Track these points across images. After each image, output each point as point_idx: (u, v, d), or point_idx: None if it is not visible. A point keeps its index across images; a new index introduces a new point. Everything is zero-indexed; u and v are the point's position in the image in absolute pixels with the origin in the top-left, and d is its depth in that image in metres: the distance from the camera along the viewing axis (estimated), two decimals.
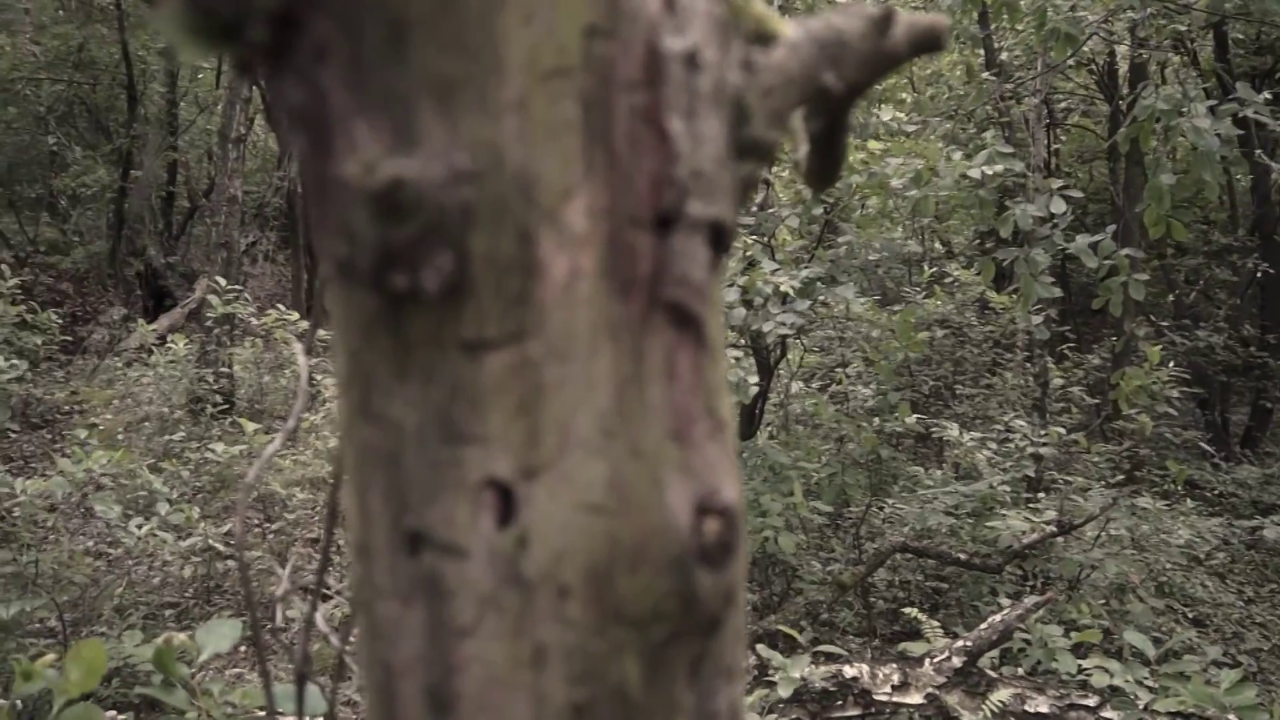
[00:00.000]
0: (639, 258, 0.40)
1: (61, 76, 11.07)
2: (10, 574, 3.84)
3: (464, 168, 0.37)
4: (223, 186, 6.94)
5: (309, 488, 5.84)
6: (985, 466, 5.70)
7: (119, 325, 10.01)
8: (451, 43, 0.36)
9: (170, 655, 1.31)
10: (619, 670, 0.41)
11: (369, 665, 0.44)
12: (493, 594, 0.40)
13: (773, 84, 0.44)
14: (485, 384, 0.39)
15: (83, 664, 1.01)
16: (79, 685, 1.10)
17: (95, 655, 1.07)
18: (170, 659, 1.31)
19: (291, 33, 0.37)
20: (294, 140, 0.40)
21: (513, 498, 0.40)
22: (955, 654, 3.08)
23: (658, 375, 0.41)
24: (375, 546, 0.42)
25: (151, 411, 6.71)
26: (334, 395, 4.93)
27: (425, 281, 0.37)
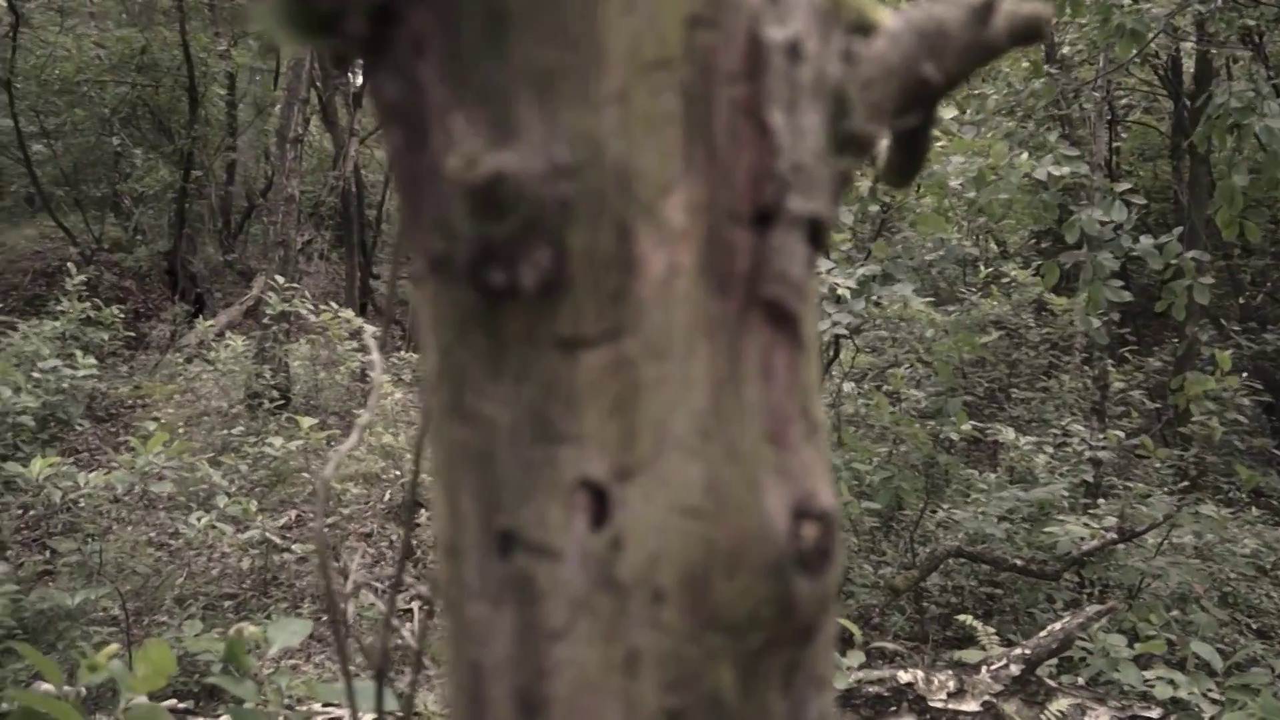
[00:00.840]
0: (737, 254, 0.39)
1: (125, 79, 11.33)
2: (75, 563, 3.94)
3: (564, 161, 0.36)
4: (280, 186, 7.05)
5: (362, 483, 5.91)
6: (1042, 471, 5.58)
7: (180, 321, 10.22)
8: (552, 33, 0.35)
9: (241, 647, 1.33)
10: (713, 677, 0.39)
11: (456, 665, 0.43)
12: (585, 597, 0.39)
13: (873, 75, 0.43)
14: (581, 382, 0.38)
15: (150, 663, 1.03)
16: (145, 683, 1.11)
17: (163, 656, 1.08)
18: (241, 650, 1.33)
19: (389, 26, 0.37)
20: (388, 135, 0.40)
21: (607, 499, 0.39)
22: (1013, 662, 3.02)
23: (754, 375, 0.40)
24: (465, 547, 0.41)
25: (211, 406, 6.84)
26: (388, 394, 4.99)
27: (523, 278, 0.36)
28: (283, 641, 1.21)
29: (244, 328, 9.71)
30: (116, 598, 3.82)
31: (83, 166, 12.32)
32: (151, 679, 1.18)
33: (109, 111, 11.34)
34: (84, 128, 11.66)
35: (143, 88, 11.46)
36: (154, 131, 12.18)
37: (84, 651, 4.03)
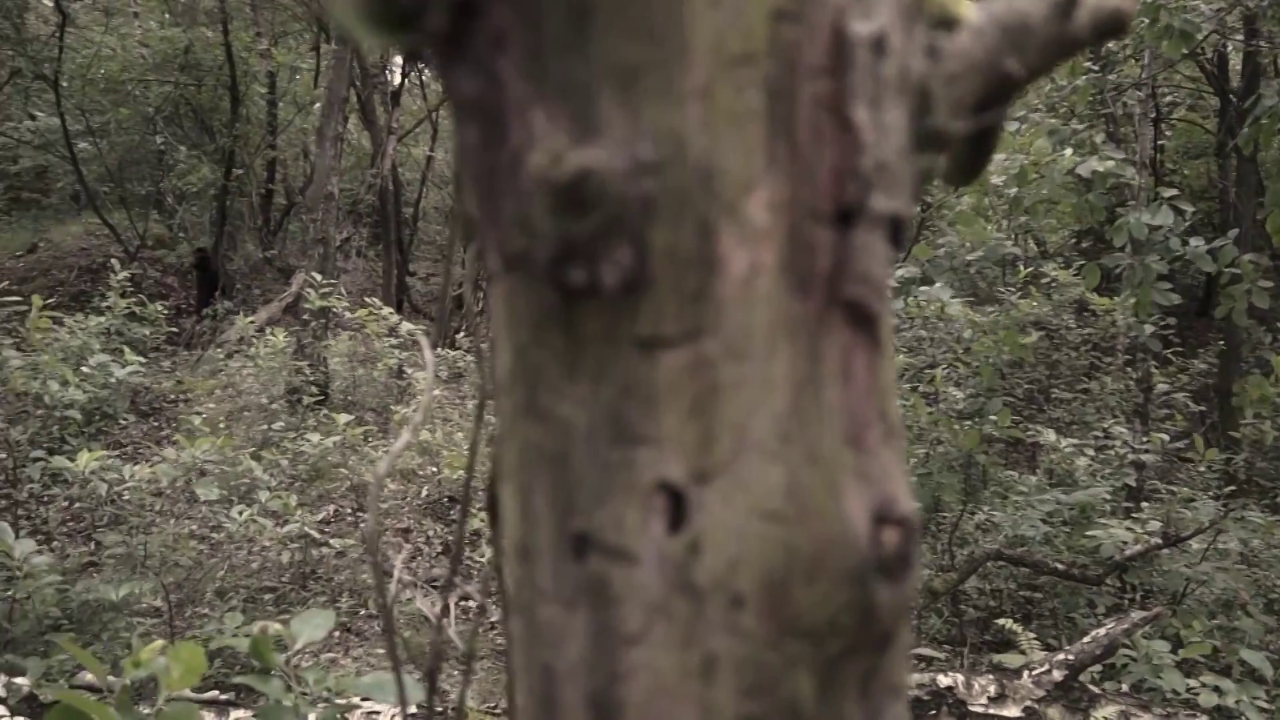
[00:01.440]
0: (818, 253, 0.38)
1: (169, 78, 11.50)
2: (120, 555, 4.00)
3: (647, 158, 0.35)
4: (320, 184, 7.12)
5: (399, 479, 5.96)
6: (1083, 474, 5.50)
7: (221, 317, 10.36)
8: (636, 28, 0.35)
9: (266, 644, 1.34)
10: (792, 684, 0.39)
11: (527, 668, 0.43)
12: (662, 601, 0.38)
13: (956, 71, 0.42)
14: (659, 383, 0.37)
15: (182, 663, 1.04)
16: (180, 682, 1.13)
17: (194, 656, 1.10)
18: (266, 648, 1.33)
19: (469, 21, 0.36)
20: (462, 131, 0.39)
21: (684, 502, 0.38)
22: (1056, 667, 2.97)
23: (834, 377, 0.39)
24: (538, 548, 0.41)
25: (251, 402, 6.93)
26: (423, 390, 5.01)
27: (604, 276, 0.36)
28: (307, 636, 1.22)
29: (283, 324, 9.82)
30: (160, 590, 3.88)
31: (127, 165, 12.53)
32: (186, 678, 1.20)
33: (153, 110, 11.53)
34: (128, 126, 11.85)
35: (185, 87, 11.63)
36: (196, 130, 12.36)
37: (128, 642, 4.09)
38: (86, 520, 5.37)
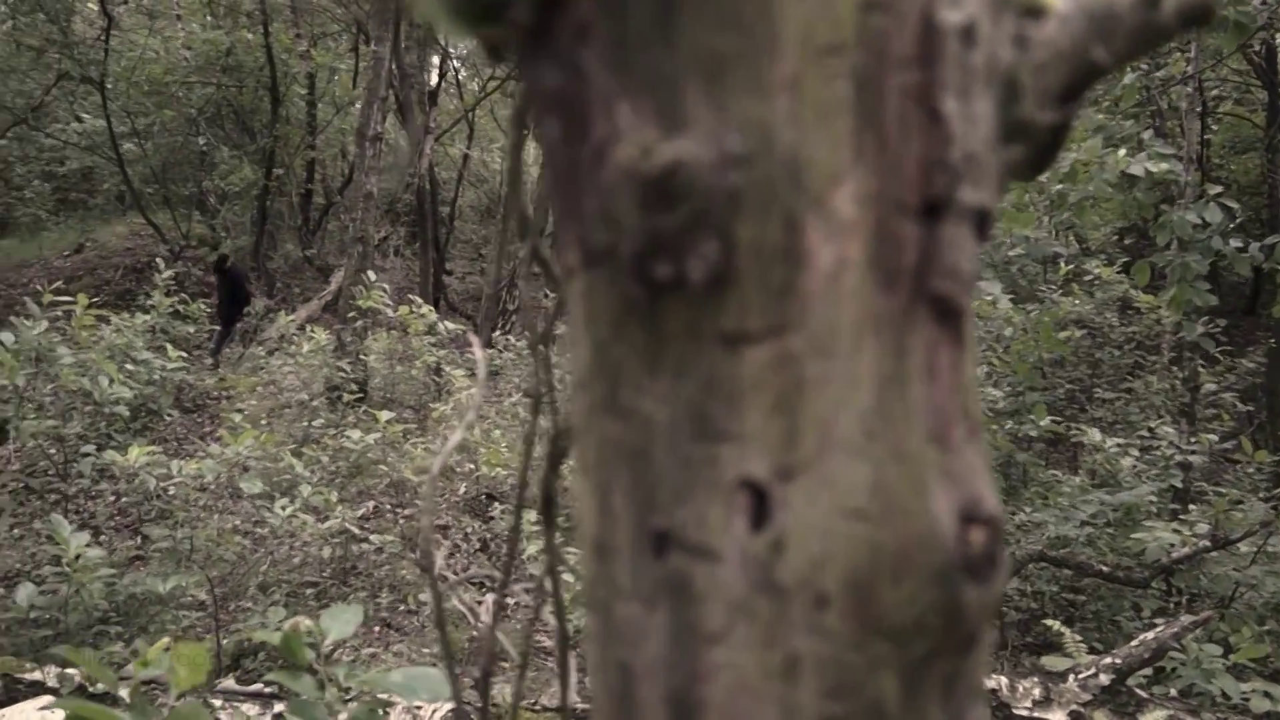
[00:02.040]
0: (904, 247, 0.38)
1: (211, 80, 11.68)
2: (166, 549, 4.06)
3: (735, 151, 0.35)
4: (359, 183, 7.18)
5: (438, 475, 6.00)
6: (1128, 475, 5.41)
7: (262, 316, 10.50)
8: (725, 18, 0.34)
9: (297, 641, 1.34)
10: (876, 686, 0.38)
11: (602, 666, 0.43)
12: (744, 600, 0.38)
13: (1044, 60, 0.41)
14: (743, 379, 0.37)
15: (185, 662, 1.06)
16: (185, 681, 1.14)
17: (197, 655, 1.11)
18: (297, 645, 1.34)
19: (553, 13, 0.36)
20: (542, 126, 0.39)
21: (767, 499, 0.38)
22: (1102, 671, 2.93)
23: (919, 373, 0.38)
24: (616, 545, 0.41)
25: (291, 399, 7.01)
26: (463, 388, 5.05)
27: (691, 271, 0.35)
28: (338, 631, 1.22)
29: (321, 322, 9.93)
30: (205, 584, 3.94)
31: (171, 165, 12.74)
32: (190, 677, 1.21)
33: (196, 112, 11.71)
34: (172, 128, 12.05)
35: (227, 88, 11.79)
36: (237, 131, 12.54)
37: (174, 635, 4.16)
38: (133, 514, 5.46)
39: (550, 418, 0.61)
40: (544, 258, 0.59)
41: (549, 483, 0.63)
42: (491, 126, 16.70)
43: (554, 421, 0.62)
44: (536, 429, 0.62)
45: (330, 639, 1.40)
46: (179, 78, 11.45)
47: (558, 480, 0.64)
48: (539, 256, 0.58)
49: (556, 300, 0.58)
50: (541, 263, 0.59)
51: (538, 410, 0.61)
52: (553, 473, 0.63)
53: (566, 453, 0.66)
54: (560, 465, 0.64)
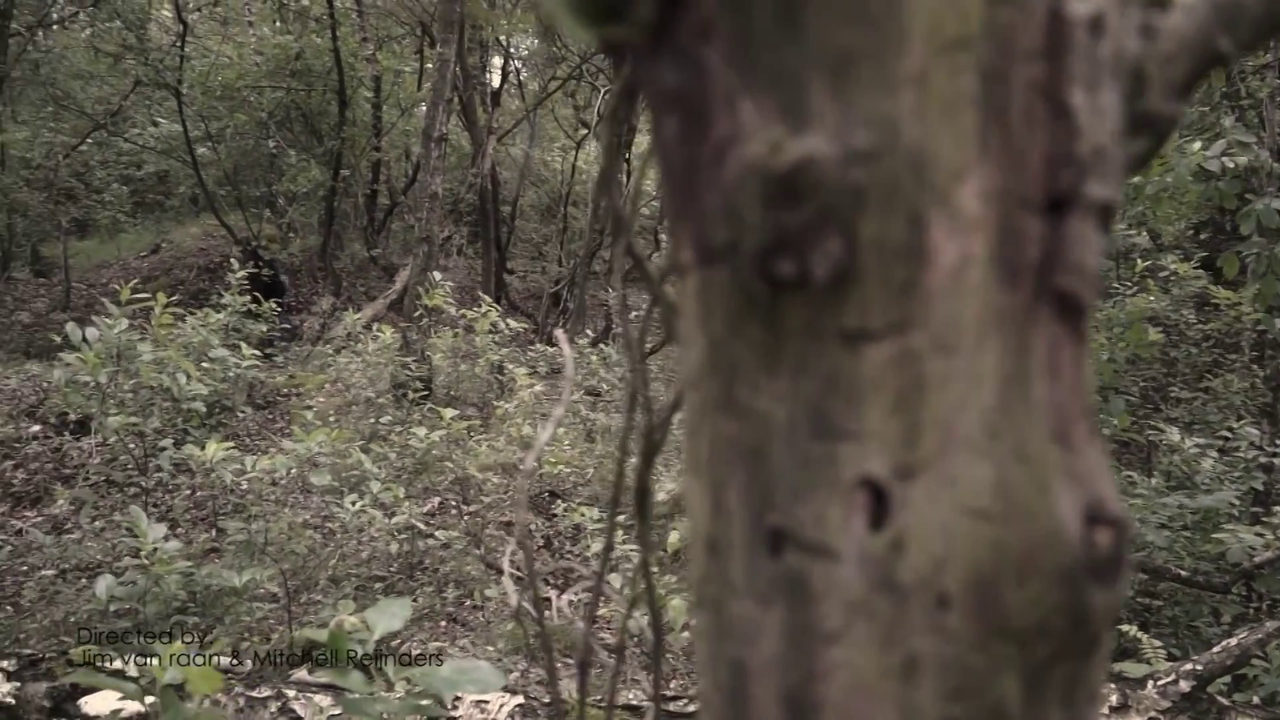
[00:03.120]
0: (1028, 243, 0.37)
1: (281, 84, 11.93)
2: (241, 542, 4.17)
3: (861, 147, 0.34)
4: (424, 184, 7.27)
5: (501, 473, 6.06)
6: (1207, 476, 5.25)
7: (329, 314, 10.70)
8: (852, 14, 0.34)
9: (343, 640, 1.36)
10: (998, 688, 0.38)
11: (714, 663, 0.43)
12: (863, 599, 0.37)
13: (1171, 50, 0.40)
14: (864, 377, 0.37)
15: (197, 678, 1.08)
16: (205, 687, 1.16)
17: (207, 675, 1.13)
18: (344, 641, 1.35)
19: (675, 11, 0.36)
20: (660, 124, 0.39)
21: (886, 498, 0.37)
22: (1182, 677, 2.84)
23: (1041, 371, 0.38)
24: (730, 543, 0.41)
25: (359, 396, 7.14)
26: (525, 386, 5.06)
27: (815, 268, 0.35)
28: (384, 626, 1.23)
29: (386, 320, 10.10)
30: (278, 577, 4.03)
31: (242, 168, 13.06)
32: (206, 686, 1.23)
33: (266, 115, 11.98)
34: (243, 131, 12.35)
35: (296, 92, 12.04)
36: (305, 134, 12.79)
37: (248, 626, 4.27)
38: (208, 508, 5.61)
39: (645, 415, 0.62)
40: (638, 255, 0.59)
41: (643, 478, 0.63)
42: (552, 126, 16.82)
43: (648, 418, 0.62)
44: (632, 425, 0.62)
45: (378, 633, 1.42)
46: (250, 82, 11.72)
47: (650, 476, 0.65)
48: (633, 254, 0.58)
49: (652, 300, 0.58)
50: (636, 261, 0.59)
51: (634, 407, 0.61)
52: (646, 469, 0.63)
53: (659, 448, 0.66)
54: (653, 461, 0.65)
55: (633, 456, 0.68)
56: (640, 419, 0.63)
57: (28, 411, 6.32)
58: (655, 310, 0.63)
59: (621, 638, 0.67)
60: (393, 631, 1.42)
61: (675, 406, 0.62)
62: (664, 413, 0.62)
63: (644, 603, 0.64)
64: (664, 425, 0.61)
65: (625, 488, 2.71)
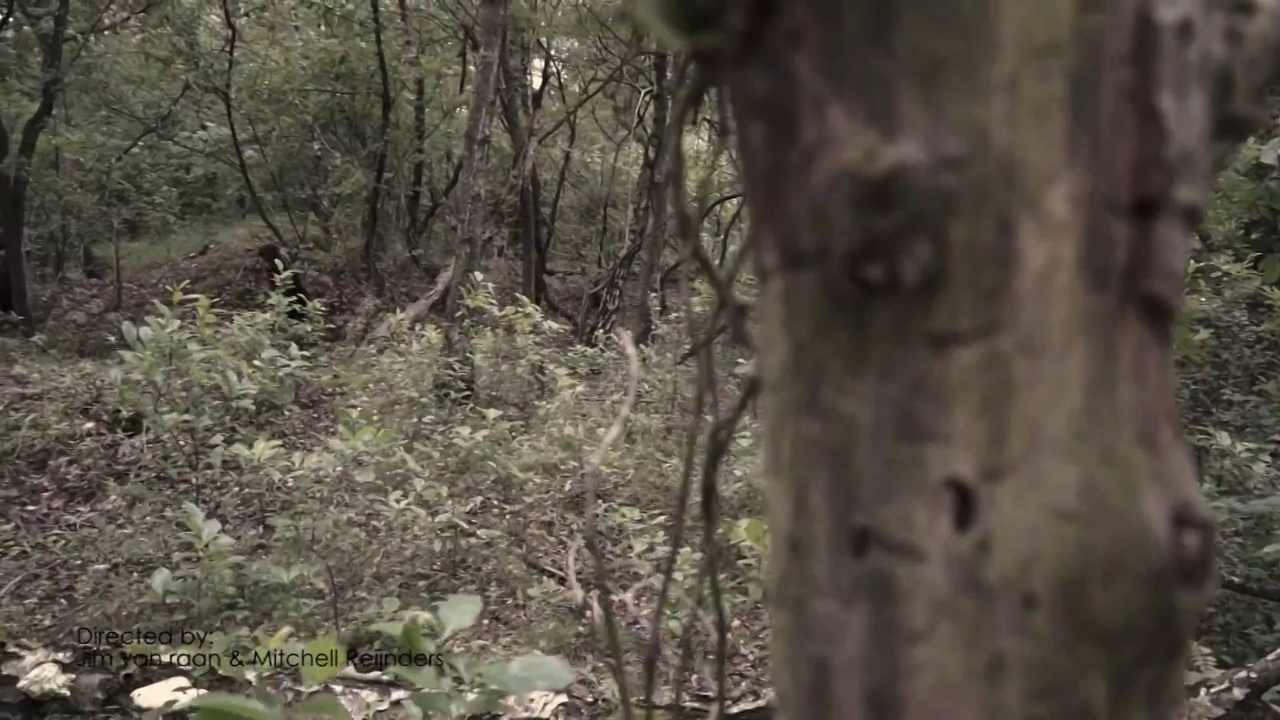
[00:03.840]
0: (1116, 247, 0.37)
1: (326, 88, 12.10)
2: (290, 539, 4.23)
3: (952, 153, 0.35)
4: (467, 185, 7.33)
5: (543, 473, 6.09)
6: (1260, 481, 5.14)
7: (372, 314, 10.83)
8: (943, 21, 0.35)
9: (417, 633, 1.38)
10: (1085, 689, 0.38)
11: (793, 661, 0.43)
12: (949, 599, 0.38)
13: (1256, 54, 0.40)
14: (951, 379, 0.37)
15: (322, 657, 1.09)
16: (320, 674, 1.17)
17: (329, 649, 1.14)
18: (417, 636, 1.37)
19: (766, 19, 0.37)
20: (745, 130, 0.40)
21: (972, 499, 0.38)
22: (1236, 685, 2.79)
23: (1128, 374, 0.38)
24: (812, 543, 0.41)
25: (402, 395, 7.22)
26: (566, 387, 5.07)
27: (905, 272, 0.36)
28: (455, 623, 1.24)
29: (428, 321, 10.20)
30: (325, 573, 4.09)
31: (287, 170, 13.26)
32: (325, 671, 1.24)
33: (311, 118, 12.14)
34: (289, 134, 12.53)
35: (341, 95, 12.19)
36: (349, 136, 12.96)
37: (295, 621, 4.33)
38: (255, 505, 5.71)
39: (712, 415, 0.62)
40: (705, 258, 0.60)
41: (709, 478, 0.64)
42: (592, 128, 16.87)
43: (715, 418, 0.62)
44: (698, 426, 0.63)
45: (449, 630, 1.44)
46: (296, 86, 11.89)
47: (717, 476, 0.65)
48: (700, 257, 0.58)
49: (719, 303, 0.59)
50: (703, 263, 0.60)
51: (700, 408, 0.62)
52: (713, 469, 0.64)
53: (726, 449, 0.67)
54: (719, 461, 0.65)
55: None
56: (706, 419, 0.63)
57: (82, 409, 6.47)
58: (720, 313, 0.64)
59: (687, 637, 0.68)
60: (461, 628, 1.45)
61: (742, 406, 0.63)
62: (731, 413, 0.62)
63: (710, 601, 0.65)
64: (731, 425, 0.61)
65: (666, 489, 2.75)
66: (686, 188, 0.59)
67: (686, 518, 3.56)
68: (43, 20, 10.36)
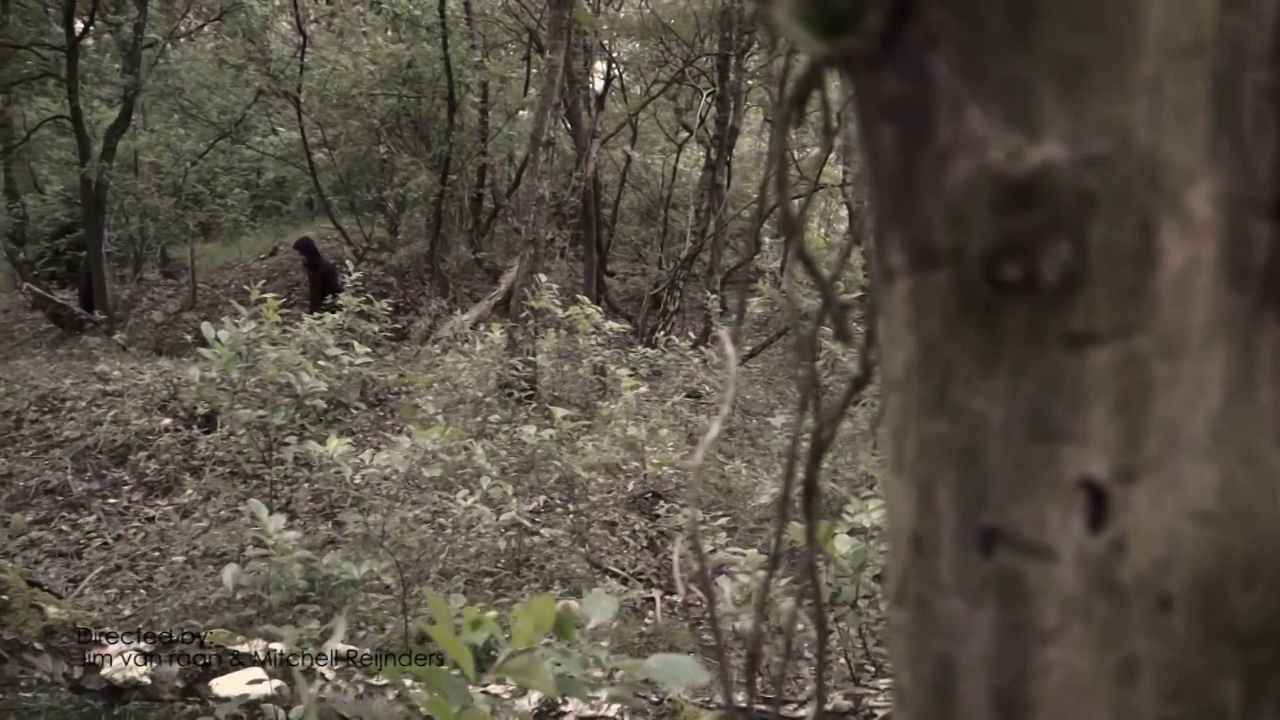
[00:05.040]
0: (1256, 247, 0.37)
1: (392, 92, 12.30)
2: (360, 534, 4.32)
3: (1095, 153, 0.35)
4: (532, 187, 7.40)
5: (605, 473, 6.12)
6: None
7: (436, 315, 10.99)
8: (1086, 21, 0.35)
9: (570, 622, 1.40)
10: (1219, 691, 0.37)
11: (915, 659, 0.44)
12: (1081, 600, 0.38)
13: None
14: (1087, 379, 0.37)
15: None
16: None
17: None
18: (570, 625, 1.40)
19: (903, 21, 0.37)
20: (874, 132, 0.41)
21: (1106, 500, 0.38)
22: None
23: (1267, 376, 0.38)
24: (938, 541, 0.41)
25: (466, 395, 7.31)
26: (628, 388, 5.06)
27: (1044, 272, 0.36)
28: (598, 616, 1.27)
29: (490, 321, 10.31)
30: (394, 569, 4.16)
31: (354, 173, 13.51)
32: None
33: (378, 122, 12.36)
34: (356, 137, 12.77)
35: (407, 99, 12.39)
36: (415, 139, 13.16)
37: (364, 616, 4.42)
38: (324, 501, 5.83)
39: (814, 413, 0.63)
40: (809, 257, 0.60)
41: (812, 476, 0.64)
42: (653, 129, 16.90)
43: (818, 417, 0.63)
44: (802, 426, 0.63)
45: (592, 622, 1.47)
46: (364, 90, 12.11)
47: (818, 474, 0.66)
48: (805, 257, 0.59)
49: (824, 303, 0.59)
50: (806, 262, 0.60)
51: (806, 406, 0.62)
52: (815, 467, 0.64)
53: (829, 447, 0.67)
54: (822, 458, 0.66)
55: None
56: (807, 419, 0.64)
57: (160, 405, 6.67)
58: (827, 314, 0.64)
59: (789, 636, 0.68)
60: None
61: (845, 405, 0.63)
62: (834, 411, 0.63)
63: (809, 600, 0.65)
64: (835, 423, 0.62)
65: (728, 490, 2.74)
66: (789, 187, 0.59)
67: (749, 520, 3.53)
68: (123, 27, 10.71)
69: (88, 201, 10.72)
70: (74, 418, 6.46)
